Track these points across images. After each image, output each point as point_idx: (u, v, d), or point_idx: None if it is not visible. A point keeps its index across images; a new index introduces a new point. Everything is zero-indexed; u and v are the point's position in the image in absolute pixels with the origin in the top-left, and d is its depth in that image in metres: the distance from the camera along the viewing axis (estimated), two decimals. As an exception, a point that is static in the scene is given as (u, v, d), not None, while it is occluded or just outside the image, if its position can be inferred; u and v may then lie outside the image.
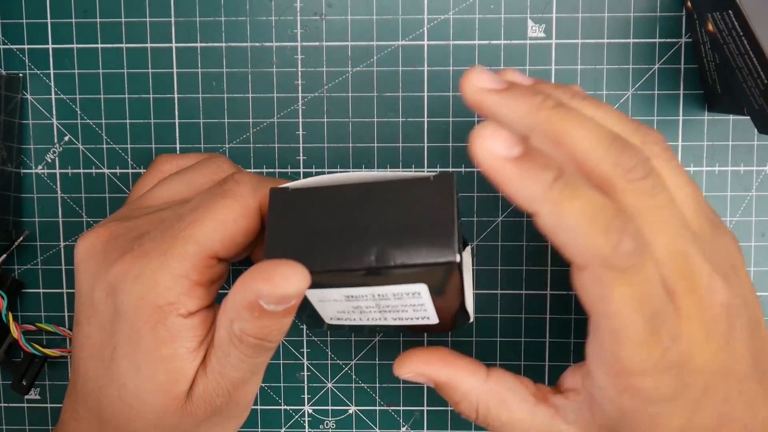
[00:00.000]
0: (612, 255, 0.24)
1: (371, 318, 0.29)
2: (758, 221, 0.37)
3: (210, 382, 0.29)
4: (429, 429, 0.39)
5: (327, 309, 0.29)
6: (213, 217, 0.28)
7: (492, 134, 0.24)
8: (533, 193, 0.24)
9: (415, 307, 0.28)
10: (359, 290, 0.27)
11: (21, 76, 0.37)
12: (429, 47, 0.37)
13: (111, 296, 0.28)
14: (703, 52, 0.35)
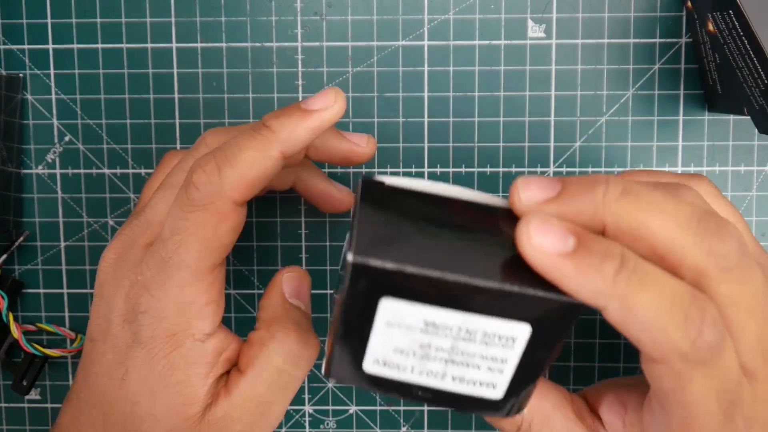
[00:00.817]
0: (692, 350, 0.22)
1: (428, 371, 0.24)
2: (758, 221, 0.37)
3: (234, 406, 0.29)
4: (429, 429, 0.39)
5: (386, 343, 0.24)
6: (193, 238, 0.27)
7: (539, 227, 0.22)
8: (596, 289, 0.22)
9: (492, 366, 0.24)
10: (449, 316, 0.23)
11: (21, 76, 0.37)
12: (429, 47, 0.37)
13: (127, 324, 0.29)
14: (704, 52, 0.35)
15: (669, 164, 0.37)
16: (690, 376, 0.22)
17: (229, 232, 0.27)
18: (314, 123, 0.27)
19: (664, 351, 0.22)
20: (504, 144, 0.37)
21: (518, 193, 0.24)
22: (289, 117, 0.27)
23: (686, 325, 0.22)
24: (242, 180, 0.27)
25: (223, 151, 0.27)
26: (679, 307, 0.22)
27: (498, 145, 0.37)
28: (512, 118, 0.37)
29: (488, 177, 0.37)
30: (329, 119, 0.28)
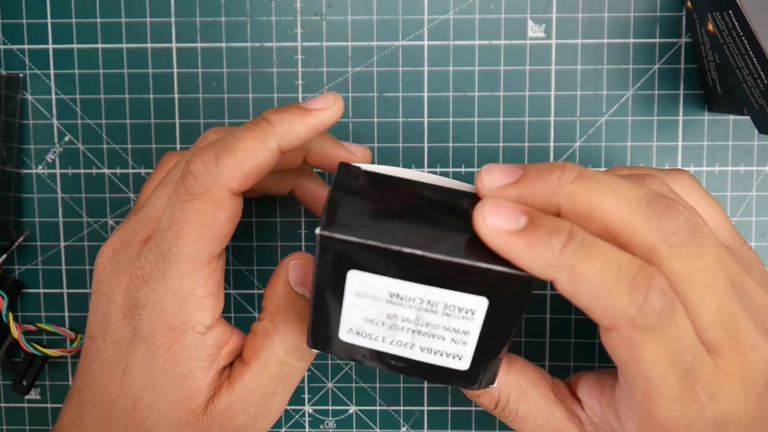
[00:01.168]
0: (639, 315, 0.23)
1: (398, 341, 0.26)
2: (758, 221, 0.37)
3: (237, 397, 0.29)
4: (429, 429, 0.39)
5: (355, 312, 0.26)
6: (191, 227, 0.27)
7: (492, 209, 0.24)
8: (546, 261, 0.23)
9: (455, 337, 0.25)
10: (411, 288, 0.25)
11: (21, 76, 0.37)
12: (429, 47, 0.37)
13: (127, 319, 0.29)
14: (704, 52, 0.35)
15: (669, 164, 0.37)
16: (641, 342, 0.23)
17: (226, 221, 0.27)
18: (313, 121, 0.28)
19: (612, 318, 0.23)
20: (504, 144, 0.37)
21: (482, 178, 0.25)
22: (288, 113, 0.28)
23: (631, 291, 0.23)
24: (239, 169, 0.27)
25: (221, 141, 0.27)
26: (625, 274, 0.23)
27: (498, 145, 0.37)
28: (512, 118, 0.37)
29: (488, 177, 0.37)
30: (327, 119, 0.28)
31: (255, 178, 0.27)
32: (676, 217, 0.24)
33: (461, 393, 0.38)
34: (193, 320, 0.28)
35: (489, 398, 0.29)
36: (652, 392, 0.24)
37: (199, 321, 0.28)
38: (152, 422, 0.29)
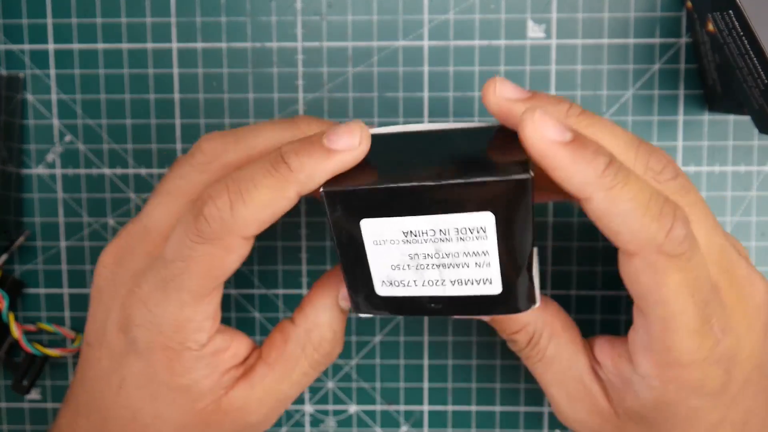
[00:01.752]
0: (665, 241, 0.24)
1: (427, 280, 0.26)
2: (758, 221, 0.37)
3: (255, 397, 0.29)
4: (429, 429, 0.39)
5: (380, 262, 0.26)
6: (197, 267, 0.26)
7: (543, 116, 0.24)
8: (586, 178, 0.24)
9: (478, 260, 0.26)
10: (420, 222, 0.25)
11: (21, 76, 0.37)
12: (429, 47, 0.37)
13: (122, 332, 0.29)
14: (703, 52, 0.35)
15: (669, 164, 0.37)
16: (665, 268, 0.24)
17: (234, 261, 0.27)
18: (335, 166, 0.26)
19: (640, 241, 0.24)
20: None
21: (494, 86, 0.26)
22: (310, 156, 0.25)
23: (661, 218, 0.24)
24: (255, 219, 0.26)
25: (237, 184, 0.26)
26: (655, 203, 0.24)
27: (498, 145, 0.37)
28: (512, 118, 0.37)
29: (488, 177, 0.37)
30: (351, 162, 0.26)
31: (269, 224, 0.26)
32: (661, 158, 0.27)
33: (461, 393, 0.38)
34: (190, 341, 0.28)
35: (525, 334, 0.29)
36: (671, 323, 0.25)
37: (196, 341, 0.28)
38: (156, 429, 0.29)
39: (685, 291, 0.25)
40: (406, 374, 0.39)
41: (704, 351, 0.25)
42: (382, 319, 0.38)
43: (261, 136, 0.29)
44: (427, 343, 0.38)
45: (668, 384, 0.26)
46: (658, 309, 0.25)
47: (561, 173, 0.24)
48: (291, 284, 0.38)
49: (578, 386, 0.29)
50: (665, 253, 0.24)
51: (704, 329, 0.25)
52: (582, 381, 0.29)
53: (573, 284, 0.38)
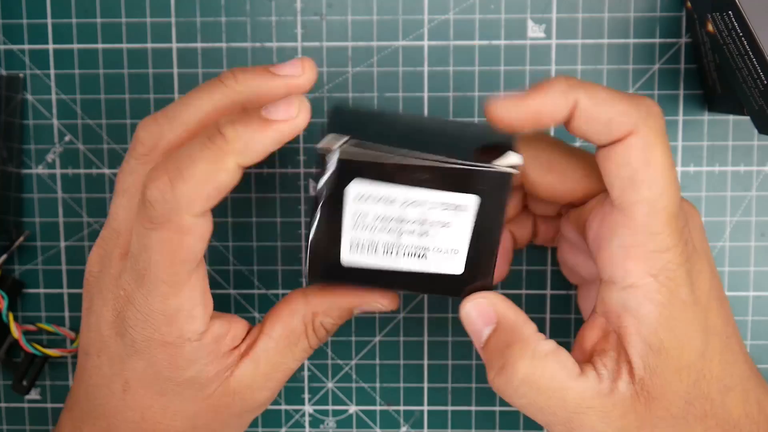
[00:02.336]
0: (649, 116, 0.26)
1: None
2: (758, 221, 0.37)
3: (260, 373, 0.29)
4: (429, 429, 0.39)
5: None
6: (159, 255, 0.26)
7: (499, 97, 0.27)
8: (563, 91, 0.26)
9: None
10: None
11: (21, 76, 0.37)
12: (429, 47, 0.37)
13: (119, 336, 0.29)
14: (703, 52, 0.35)
15: (669, 164, 0.37)
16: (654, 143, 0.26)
17: (195, 243, 0.26)
18: (274, 135, 0.26)
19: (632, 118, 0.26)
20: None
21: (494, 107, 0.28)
22: (247, 126, 0.25)
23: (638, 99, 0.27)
24: (198, 194, 0.25)
25: (174, 162, 0.25)
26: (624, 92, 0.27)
27: (498, 145, 0.37)
28: (512, 118, 0.37)
29: (488, 177, 0.37)
30: (290, 133, 0.26)
31: (217, 198, 0.26)
32: None
33: (461, 393, 0.38)
34: (187, 332, 0.28)
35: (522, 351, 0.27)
36: (656, 203, 0.26)
37: (193, 331, 0.28)
38: (165, 426, 0.29)
39: (669, 169, 0.27)
40: (405, 374, 0.39)
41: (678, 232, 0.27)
42: (382, 320, 0.38)
43: (192, 106, 0.28)
44: (427, 343, 0.38)
45: (658, 276, 0.27)
46: (644, 190, 0.26)
47: (544, 107, 0.26)
48: (291, 284, 0.38)
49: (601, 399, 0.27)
50: (652, 127, 0.26)
51: (678, 211, 0.27)
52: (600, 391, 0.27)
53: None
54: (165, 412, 0.29)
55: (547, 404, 0.27)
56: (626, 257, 0.27)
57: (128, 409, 0.29)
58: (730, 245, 0.37)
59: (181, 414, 0.29)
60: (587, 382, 0.27)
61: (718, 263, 0.37)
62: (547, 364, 0.27)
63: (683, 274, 0.27)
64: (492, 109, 0.27)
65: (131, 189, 0.29)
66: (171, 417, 0.29)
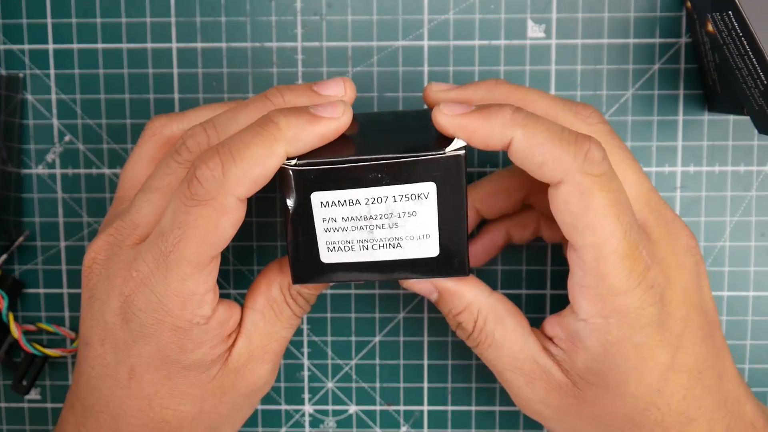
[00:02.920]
0: (585, 161, 0.26)
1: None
2: (758, 221, 0.37)
3: (255, 345, 0.30)
4: (429, 429, 0.39)
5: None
6: (194, 232, 0.27)
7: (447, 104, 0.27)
8: (502, 124, 0.26)
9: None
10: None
11: (21, 76, 0.37)
12: (429, 47, 0.37)
13: (125, 322, 0.29)
14: (703, 52, 0.35)
15: (669, 164, 0.37)
16: (590, 188, 0.26)
17: (230, 226, 0.27)
18: (321, 130, 0.27)
19: (564, 164, 0.26)
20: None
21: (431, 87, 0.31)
22: (298, 117, 0.27)
23: (577, 143, 0.26)
24: (246, 177, 0.27)
25: (227, 146, 0.27)
26: (569, 133, 0.27)
27: (498, 145, 0.37)
28: (512, 118, 0.37)
29: (488, 177, 0.37)
30: (336, 130, 0.28)
31: (261, 184, 0.27)
32: (588, 106, 0.30)
33: (461, 393, 0.38)
34: (196, 316, 0.28)
35: (468, 316, 0.30)
36: (602, 248, 0.26)
37: (202, 315, 0.28)
38: (174, 411, 0.29)
39: (611, 212, 0.26)
40: (405, 374, 0.39)
41: (635, 276, 0.27)
42: (382, 320, 0.38)
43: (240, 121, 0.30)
44: (427, 343, 0.38)
45: (609, 318, 0.27)
46: (587, 235, 0.26)
47: (482, 131, 0.27)
48: (291, 284, 0.38)
49: (533, 366, 0.30)
50: (587, 173, 0.26)
51: (634, 254, 0.27)
52: (535, 360, 0.30)
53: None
54: (172, 397, 0.29)
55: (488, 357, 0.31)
56: (581, 295, 0.28)
57: (134, 397, 0.29)
58: (730, 245, 0.37)
59: (188, 397, 0.29)
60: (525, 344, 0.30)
61: (718, 263, 0.37)
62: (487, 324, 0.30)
63: (642, 319, 0.27)
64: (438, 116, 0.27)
65: (165, 189, 0.30)
66: (179, 401, 0.29)
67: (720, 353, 0.30)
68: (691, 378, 0.28)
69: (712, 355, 0.29)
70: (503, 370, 0.30)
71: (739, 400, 0.30)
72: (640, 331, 0.27)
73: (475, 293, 0.30)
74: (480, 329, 0.30)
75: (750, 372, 0.38)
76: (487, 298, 0.30)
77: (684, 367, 0.28)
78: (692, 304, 0.29)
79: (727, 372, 0.30)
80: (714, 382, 0.29)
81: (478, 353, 0.31)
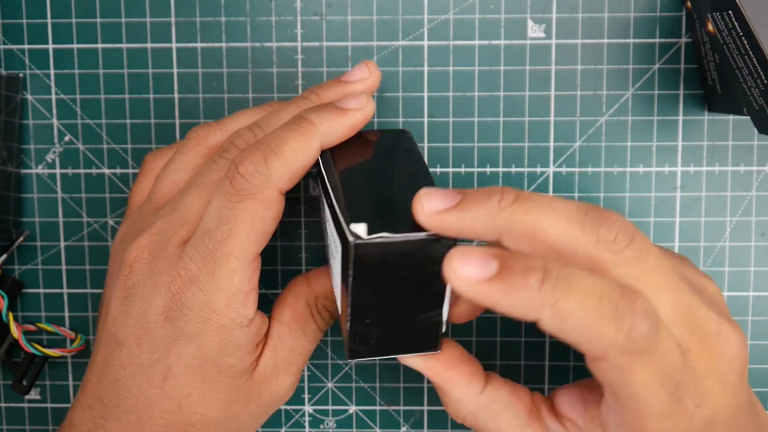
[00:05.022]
0: (628, 342, 0.23)
1: None
2: (758, 221, 0.37)
3: (280, 358, 0.31)
4: (429, 429, 0.39)
5: None
6: (241, 226, 0.28)
7: (461, 260, 0.23)
8: (526, 304, 0.23)
9: None
10: None
11: (21, 76, 0.37)
12: (429, 47, 0.37)
13: (169, 321, 0.29)
14: (703, 52, 0.35)
15: (669, 164, 0.37)
16: (631, 367, 0.23)
17: (273, 219, 0.29)
18: (349, 121, 0.30)
19: (602, 348, 0.23)
20: (504, 144, 0.37)
21: (421, 203, 0.25)
22: (327, 112, 0.29)
23: (618, 320, 0.22)
24: (288, 170, 0.28)
25: (266, 143, 0.28)
26: (608, 303, 0.23)
27: (498, 145, 0.37)
28: (512, 118, 0.37)
29: (488, 177, 0.37)
30: (362, 120, 0.30)
31: (300, 176, 0.29)
32: (612, 225, 0.24)
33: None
34: (240, 316, 0.29)
35: (455, 412, 0.30)
36: (643, 412, 0.24)
37: (245, 315, 0.29)
38: (201, 415, 0.29)
39: (655, 382, 0.24)
40: (405, 374, 0.39)
41: (680, 429, 0.25)
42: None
43: (282, 121, 0.31)
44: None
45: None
46: (629, 401, 0.24)
47: (501, 308, 0.23)
48: (291, 284, 0.38)
49: None
50: (629, 353, 0.23)
51: (677, 410, 0.24)
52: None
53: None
54: (203, 401, 0.29)
55: None
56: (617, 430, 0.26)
57: (165, 398, 0.29)
58: (730, 245, 0.37)
59: (217, 403, 0.30)
60: None
61: (718, 263, 0.37)
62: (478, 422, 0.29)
63: None
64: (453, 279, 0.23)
65: (212, 185, 0.30)
66: (207, 406, 0.30)
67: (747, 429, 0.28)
68: None
69: None
70: None
71: None
72: None
73: (464, 393, 0.29)
74: (471, 424, 0.30)
75: (750, 372, 0.38)
76: (477, 396, 0.29)
77: None
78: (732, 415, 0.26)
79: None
80: None
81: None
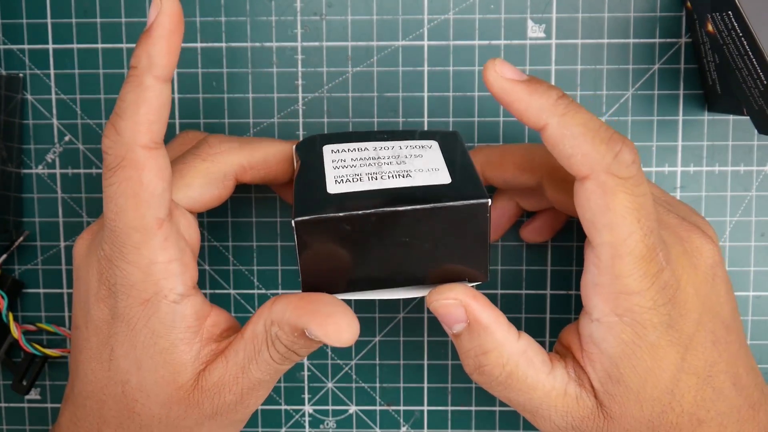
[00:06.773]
0: (614, 163, 0.26)
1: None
2: (758, 221, 0.37)
3: (229, 373, 0.29)
4: (429, 429, 0.39)
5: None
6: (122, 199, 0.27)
7: (502, 63, 0.28)
8: (541, 106, 0.27)
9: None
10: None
11: (21, 76, 0.37)
12: (429, 47, 0.37)
13: (102, 302, 0.29)
14: (703, 52, 0.35)
15: (669, 164, 0.37)
16: (614, 189, 0.26)
17: (153, 180, 0.27)
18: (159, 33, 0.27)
19: (591, 162, 0.26)
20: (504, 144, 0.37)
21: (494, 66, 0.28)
22: (139, 45, 0.28)
23: (610, 142, 0.26)
24: (137, 123, 0.27)
25: (112, 114, 0.28)
26: (605, 130, 0.27)
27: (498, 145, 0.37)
28: (512, 118, 0.37)
29: (488, 177, 0.37)
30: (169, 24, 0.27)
31: (159, 120, 0.27)
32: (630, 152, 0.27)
33: (461, 393, 0.38)
34: (164, 288, 0.28)
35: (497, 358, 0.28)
36: (619, 247, 0.27)
37: (170, 289, 0.28)
38: (142, 405, 0.29)
39: (633, 214, 0.26)
40: (405, 374, 0.39)
41: (650, 277, 0.27)
42: (382, 320, 0.38)
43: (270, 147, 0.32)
44: (427, 343, 0.38)
45: (622, 317, 0.27)
46: (605, 234, 0.27)
47: (520, 104, 0.27)
48: (291, 284, 0.38)
49: (564, 399, 0.29)
50: (614, 174, 0.26)
51: (650, 255, 0.27)
52: (566, 392, 0.29)
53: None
54: (141, 390, 0.29)
55: (516, 399, 0.29)
56: (594, 293, 0.28)
57: (112, 382, 0.29)
58: (730, 245, 0.37)
59: (154, 397, 0.29)
60: (554, 381, 0.29)
61: (718, 263, 0.37)
62: (519, 369, 0.29)
63: (654, 318, 0.27)
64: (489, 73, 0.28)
65: None
66: (146, 397, 0.29)
67: (735, 359, 0.29)
68: (700, 380, 0.28)
69: (725, 360, 0.29)
70: (535, 410, 0.29)
71: (754, 407, 0.30)
72: (652, 331, 0.27)
73: (506, 335, 0.29)
74: (509, 373, 0.29)
75: (750, 372, 0.38)
76: (517, 341, 0.29)
77: (693, 368, 0.28)
78: (705, 307, 0.28)
79: (741, 379, 0.29)
80: (726, 387, 0.29)
81: (504, 397, 0.29)
